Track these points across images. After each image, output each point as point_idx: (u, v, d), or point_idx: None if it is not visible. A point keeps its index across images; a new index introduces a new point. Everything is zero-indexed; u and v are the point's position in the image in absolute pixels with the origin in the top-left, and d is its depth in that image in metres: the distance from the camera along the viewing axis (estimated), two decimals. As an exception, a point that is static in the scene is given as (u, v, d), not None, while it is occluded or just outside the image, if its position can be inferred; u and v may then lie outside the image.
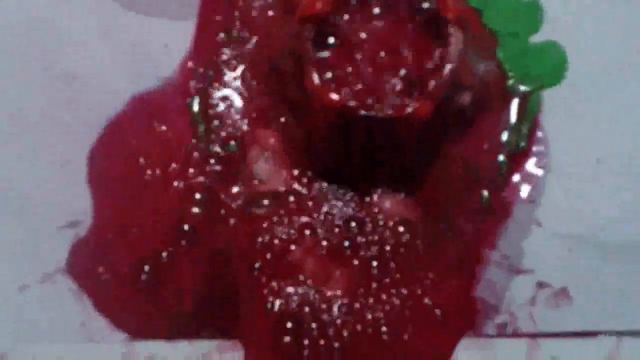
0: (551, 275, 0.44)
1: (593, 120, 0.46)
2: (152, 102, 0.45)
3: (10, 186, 0.44)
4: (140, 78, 0.46)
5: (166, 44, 0.46)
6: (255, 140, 0.44)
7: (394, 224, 0.43)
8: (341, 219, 0.43)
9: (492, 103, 0.45)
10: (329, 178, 0.44)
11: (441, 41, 0.38)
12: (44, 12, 0.47)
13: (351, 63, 0.40)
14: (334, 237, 0.43)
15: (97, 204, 0.44)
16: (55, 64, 0.46)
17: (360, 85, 0.39)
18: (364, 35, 0.40)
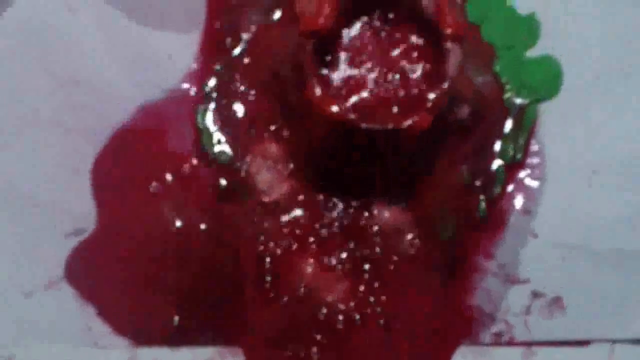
0: (546, 284, 0.44)
1: (587, 131, 0.46)
2: (158, 112, 0.46)
3: (16, 192, 0.45)
4: (146, 87, 0.46)
5: (170, 55, 0.47)
6: (257, 149, 0.45)
7: (393, 233, 0.44)
8: (341, 229, 0.44)
9: (489, 115, 0.46)
10: (329, 187, 0.44)
11: (440, 54, 0.39)
12: (52, 20, 0.47)
13: (352, 74, 0.41)
14: (334, 246, 0.44)
15: (101, 211, 0.45)
16: (62, 71, 0.46)
17: (361, 97, 0.40)
18: (365, 47, 0.41)
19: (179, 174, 0.45)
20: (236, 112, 0.46)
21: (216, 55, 0.47)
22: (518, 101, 0.47)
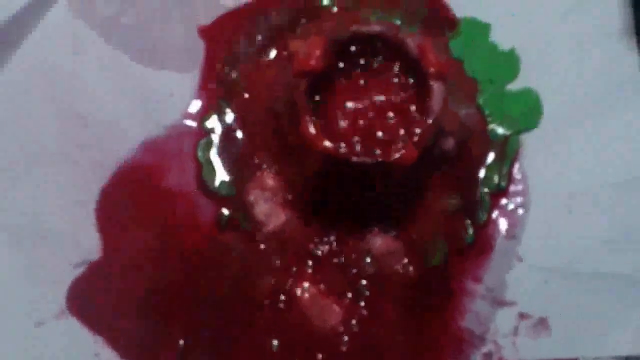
0: (532, 306, 0.46)
1: (566, 160, 0.48)
2: (160, 147, 0.48)
3: (26, 224, 0.46)
4: (148, 124, 0.48)
5: (172, 93, 0.49)
6: (255, 181, 0.47)
7: (385, 259, 0.46)
8: (335, 255, 0.46)
9: (474, 145, 0.48)
10: (324, 217, 0.46)
11: (425, 92, 0.42)
12: (59, 61, 0.49)
13: (343, 112, 0.43)
14: (328, 272, 0.46)
15: (106, 243, 0.47)
16: (69, 109, 0.48)
17: (352, 132, 0.43)
18: (355, 86, 0.43)
19: (182, 205, 0.47)
20: (235, 147, 0.48)
21: (215, 93, 0.49)
22: (501, 132, 0.49)
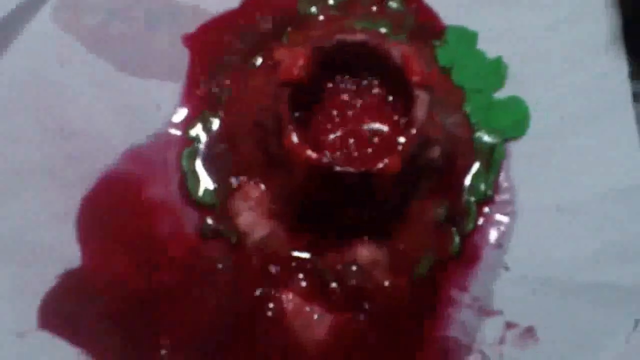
0: (518, 315, 0.46)
1: (553, 170, 0.48)
2: (144, 157, 0.48)
3: (9, 235, 0.46)
4: (133, 134, 0.48)
5: (158, 104, 0.49)
6: (239, 191, 0.47)
7: (370, 269, 0.46)
8: (321, 266, 0.46)
9: (460, 154, 0.48)
10: (309, 227, 0.46)
11: (409, 102, 0.42)
12: (45, 72, 0.49)
13: (328, 122, 0.43)
14: (314, 284, 0.46)
15: (86, 253, 0.46)
16: (54, 120, 0.48)
17: (336, 143, 0.43)
18: (340, 97, 0.43)
19: (165, 215, 0.47)
20: (219, 156, 0.48)
21: (200, 102, 0.49)
22: (487, 140, 0.49)
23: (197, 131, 0.48)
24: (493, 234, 0.48)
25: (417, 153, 0.44)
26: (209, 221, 0.47)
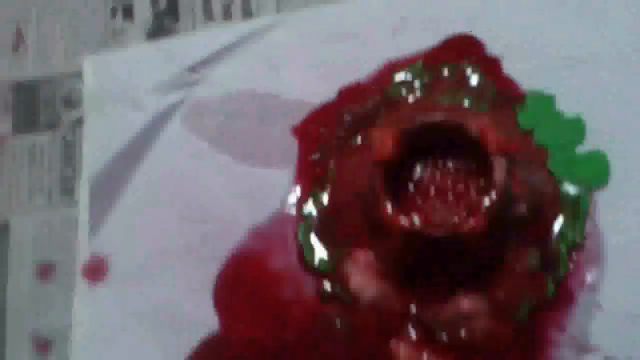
0: (616, 349, 0.49)
1: (637, 213, 0.52)
2: (266, 234, 0.55)
3: (156, 307, 0.53)
4: (255, 215, 0.55)
5: (274, 187, 0.55)
6: (350, 257, 0.52)
7: (473, 319, 0.50)
8: (429, 318, 0.51)
9: (547, 207, 0.52)
10: (414, 285, 0.51)
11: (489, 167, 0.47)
12: (180, 168, 0.57)
13: (419, 194, 0.49)
14: (424, 335, 0.50)
15: (223, 322, 0.53)
16: (190, 208, 0.56)
17: (427, 211, 0.49)
18: (430, 172, 0.50)
19: (288, 283, 0.53)
20: (330, 228, 0.54)
21: (310, 182, 0.55)
22: (573, 192, 0.52)
23: (309, 208, 0.54)
24: (585, 277, 0.51)
25: (503, 210, 0.49)
26: (326, 285, 0.53)
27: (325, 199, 0.55)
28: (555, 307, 0.50)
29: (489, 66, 0.57)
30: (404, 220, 0.46)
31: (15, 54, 0.63)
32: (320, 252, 0.53)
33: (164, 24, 0.63)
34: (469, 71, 0.57)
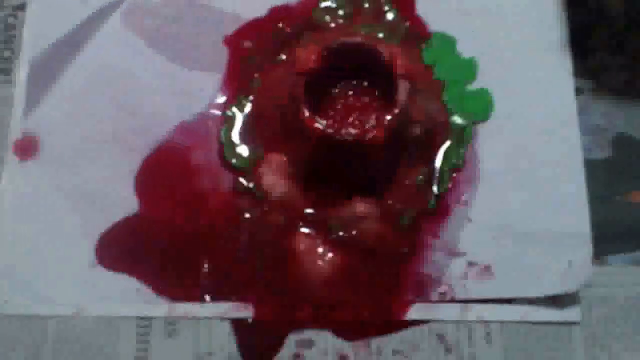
0: (478, 256, 0.55)
1: (510, 143, 0.58)
2: (191, 130, 0.59)
3: (84, 187, 0.57)
4: (183, 113, 0.58)
5: (202, 88, 0.59)
6: (265, 158, 0.58)
7: (365, 221, 0.56)
8: (327, 217, 0.56)
9: (437, 132, 0.58)
10: (318, 187, 0.56)
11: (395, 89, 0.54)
12: (116, 63, 0.59)
13: (333, 104, 0.56)
14: (321, 231, 0.56)
15: (143, 203, 0.57)
16: (122, 101, 0.59)
17: (338, 121, 0.55)
18: (345, 94, 0.56)
19: (207, 176, 0.58)
20: (250, 131, 0.58)
21: (236, 88, 0.60)
22: (460, 122, 0.59)
23: (233, 111, 0.59)
24: (461, 194, 0.57)
25: (401, 129, 0.55)
26: (241, 180, 0.58)
27: (248, 105, 0.59)
28: (433, 218, 0.57)
29: (405, 5, 0.62)
30: (318, 124, 0.52)
31: None
32: (239, 151, 0.58)
33: None
34: (386, 7, 0.62)
